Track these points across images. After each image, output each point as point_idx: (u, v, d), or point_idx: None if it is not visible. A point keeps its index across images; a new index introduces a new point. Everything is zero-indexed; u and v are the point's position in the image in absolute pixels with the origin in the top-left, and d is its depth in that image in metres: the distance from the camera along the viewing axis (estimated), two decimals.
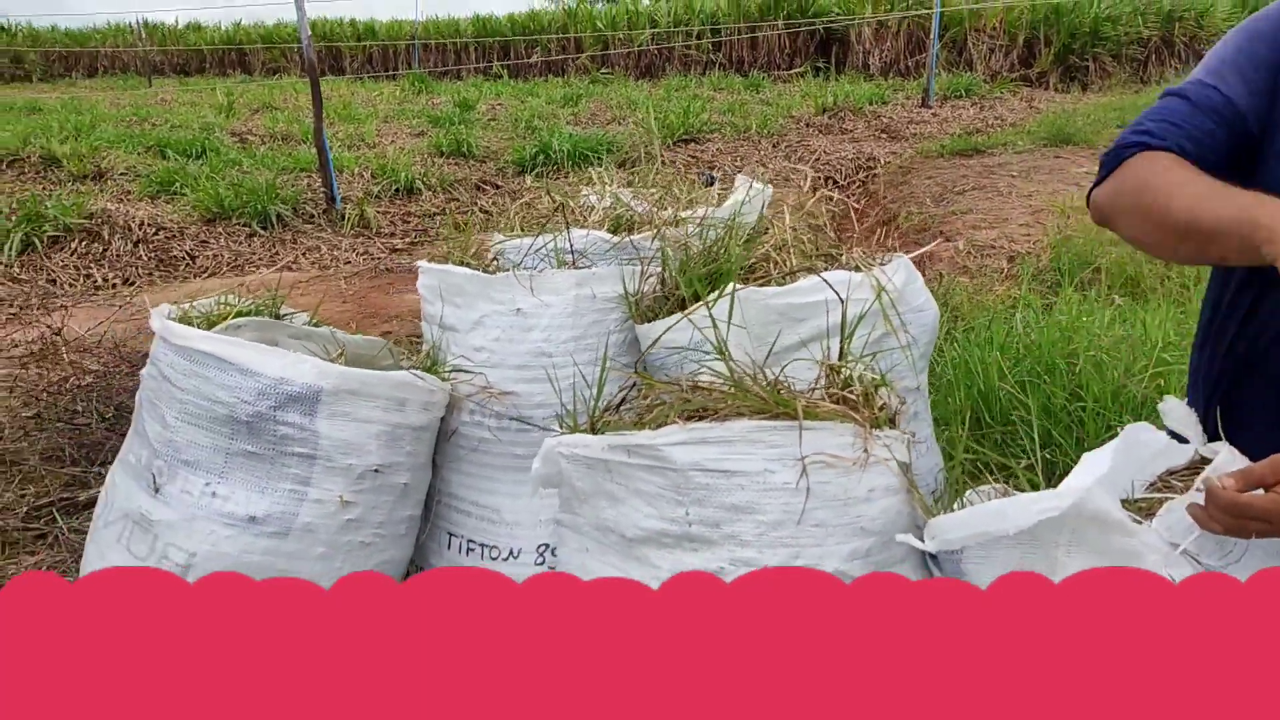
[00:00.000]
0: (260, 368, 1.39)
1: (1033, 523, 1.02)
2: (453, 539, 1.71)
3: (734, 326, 1.48)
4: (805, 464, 1.09)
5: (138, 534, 1.44)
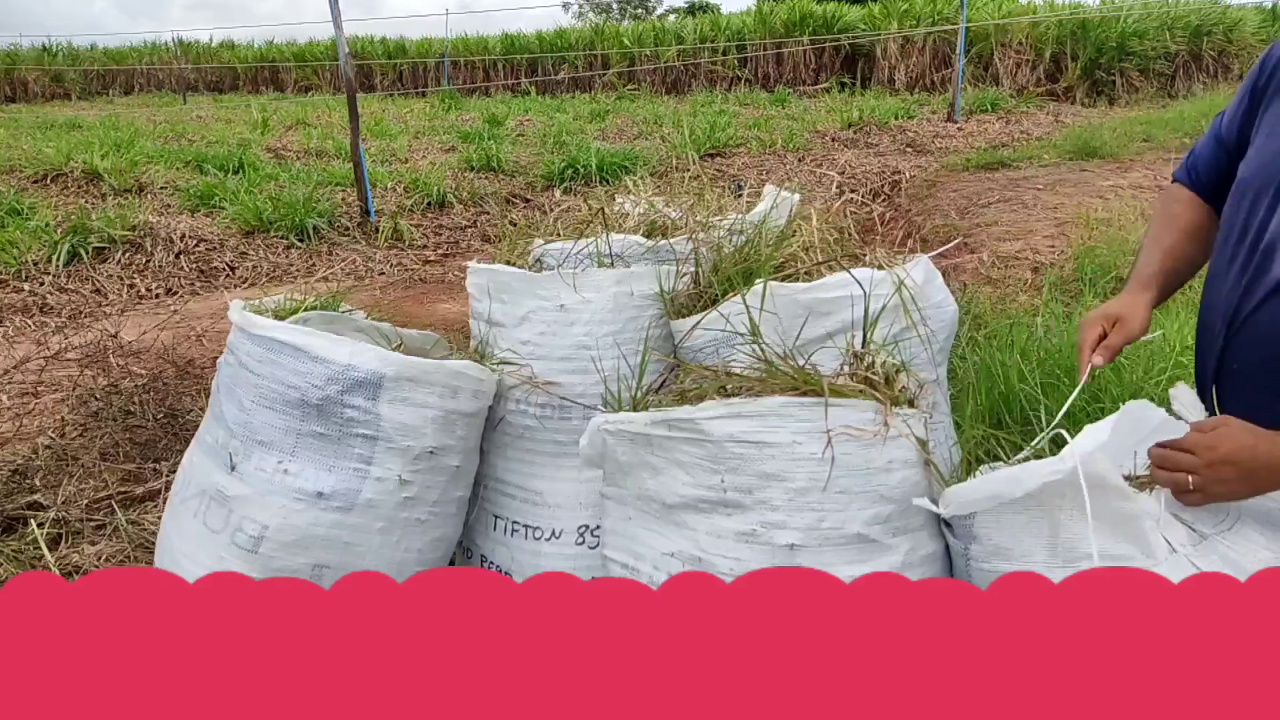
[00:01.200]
0: (330, 355, 1.51)
1: (1039, 485, 1.12)
2: (498, 520, 1.82)
3: (765, 317, 1.59)
4: (831, 436, 1.20)
5: (214, 508, 1.56)
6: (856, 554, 1.22)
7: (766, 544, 1.21)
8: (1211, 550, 1.24)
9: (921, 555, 1.26)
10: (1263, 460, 1.20)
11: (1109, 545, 1.17)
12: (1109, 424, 1.18)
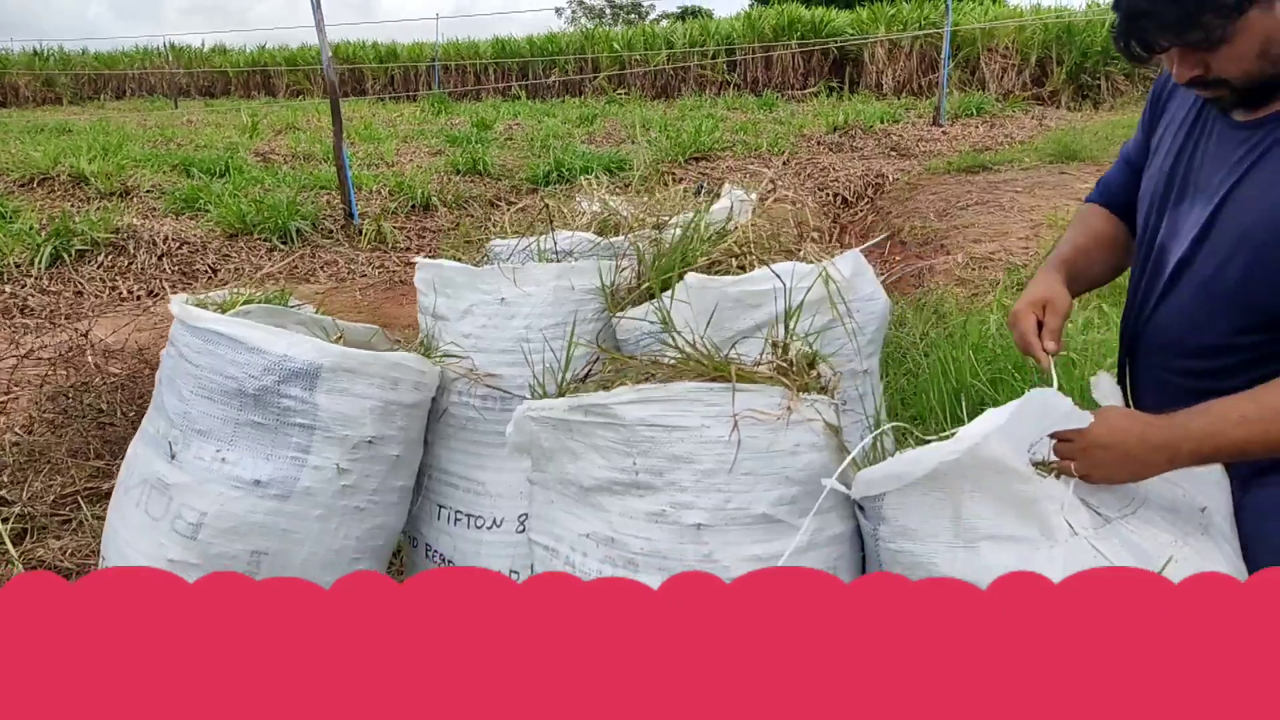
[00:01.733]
0: (267, 346, 1.55)
1: (934, 466, 1.16)
2: (442, 510, 1.86)
3: (694, 313, 1.63)
4: (737, 420, 1.24)
5: (155, 496, 1.60)
6: (762, 533, 1.26)
7: (675, 524, 1.25)
8: (1113, 534, 1.28)
9: (828, 536, 1.30)
10: (1135, 444, 1.26)
11: (1009, 526, 1.21)
12: (1008, 410, 1.23)
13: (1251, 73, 1.26)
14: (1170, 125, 1.52)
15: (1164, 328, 1.48)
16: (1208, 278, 1.38)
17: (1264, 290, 1.32)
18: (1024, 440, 1.25)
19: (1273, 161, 1.30)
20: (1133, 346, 1.58)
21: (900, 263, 6.58)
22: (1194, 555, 1.24)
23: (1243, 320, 1.36)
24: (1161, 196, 1.50)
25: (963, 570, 1.19)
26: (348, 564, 1.67)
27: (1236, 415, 1.25)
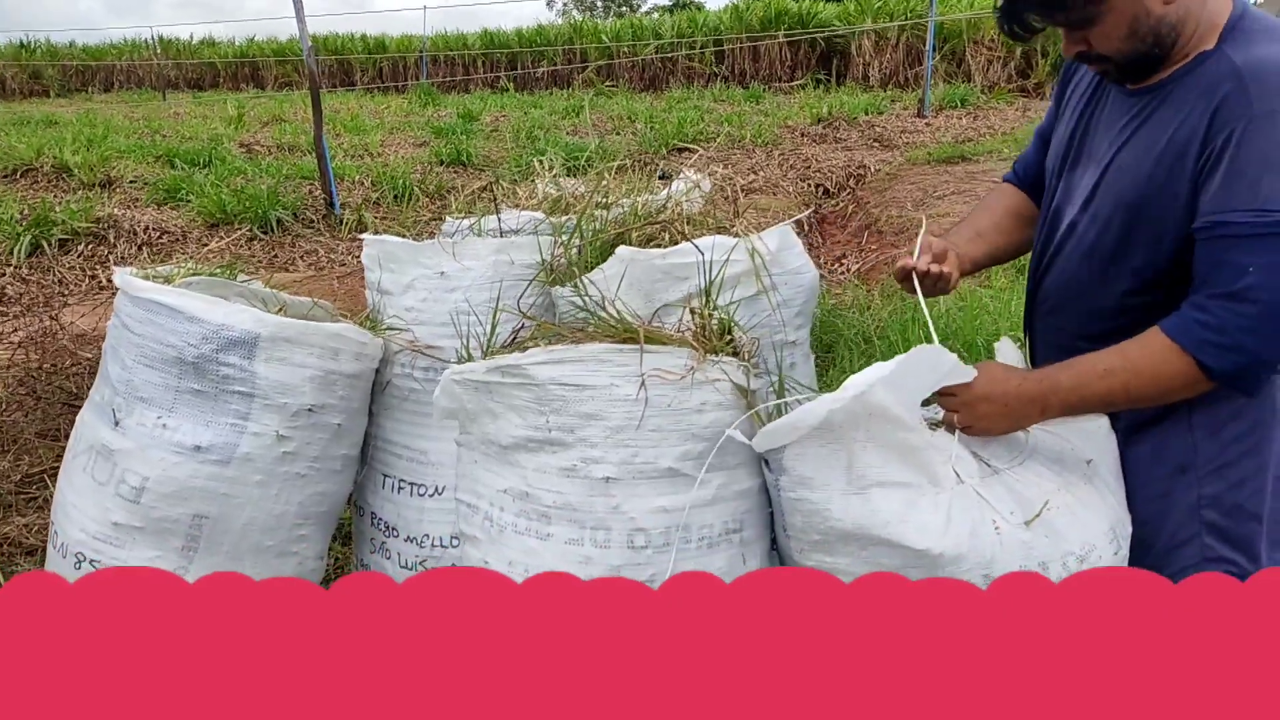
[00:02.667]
0: (205, 315, 1.60)
1: (825, 414, 1.22)
2: (386, 479, 1.91)
3: (629, 283, 1.69)
4: (644, 379, 1.29)
5: (100, 462, 1.65)
6: (668, 486, 1.31)
7: (585, 478, 1.31)
8: (998, 483, 1.35)
9: (735, 490, 1.36)
10: (1013, 395, 1.34)
11: (898, 473, 1.27)
12: (894, 362, 1.29)
13: (1125, 50, 1.33)
14: (1073, 95, 1.58)
15: (1056, 291, 1.55)
16: (1092, 242, 1.45)
17: (1140, 251, 1.38)
18: (913, 393, 1.31)
19: (1149, 129, 1.37)
20: (1032, 311, 1.64)
21: (876, 251, 6.65)
22: (1074, 501, 1.31)
23: (1126, 282, 1.42)
24: (1061, 162, 1.56)
25: (855, 515, 1.25)
26: (289, 529, 1.72)
27: (1102, 368, 1.33)
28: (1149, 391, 1.33)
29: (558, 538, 1.31)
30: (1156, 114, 1.37)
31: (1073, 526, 1.28)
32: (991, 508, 1.27)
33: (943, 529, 1.23)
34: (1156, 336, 1.31)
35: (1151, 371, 1.31)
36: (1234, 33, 1.33)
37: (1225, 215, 1.26)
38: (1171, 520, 1.41)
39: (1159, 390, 1.32)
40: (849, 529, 1.25)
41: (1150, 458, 1.44)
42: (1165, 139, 1.34)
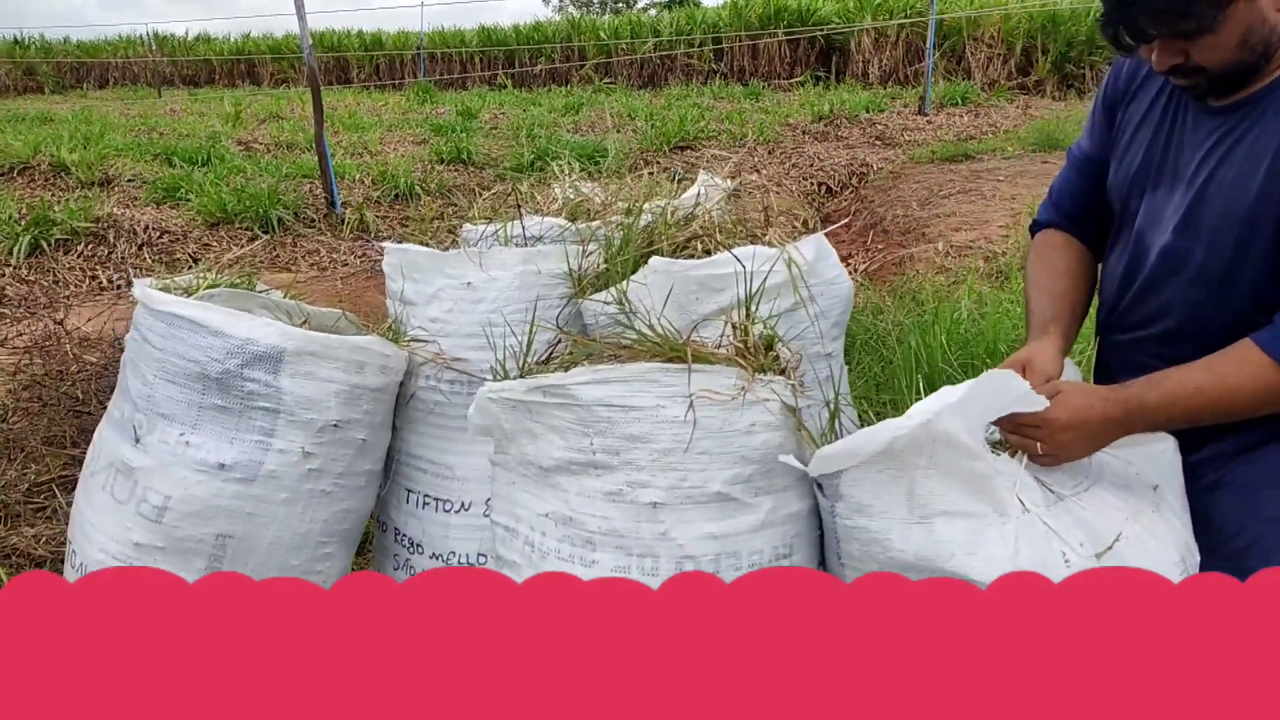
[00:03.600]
0: (229, 329, 1.55)
1: (888, 440, 1.17)
2: (410, 494, 1.87)
3: (658, 296, 1.64)
4: (692, 400, 1.25)
5: (120, 480, 1.60)
6: (717, 511, 1.27)
7: (631, 503, 1.27)
8: (1065, 511, 1.30)
9: (784, 514, 1.32)
10: (1098, 419, 1.29)
11: (963, 502, 1.22)
12: (963, 388, 1.24)
13: (1230, 61, 1.28)
14: (1136, 116, 1.52)
15: (1152, 316, 1.49)
16: (1198, 265, 1.40)
17: (1253, 267, 1.34)
18: (979, 419, 1.27)
19: (1249, 142, 1.32)
20: (1109, 329, 1.59)
21: (882, 251, 6.61)
22: (1144, 532, 1.26)
23: (1243, 301, 1.37)
24: (1138, 184, 1.50)
25: (917, 546, 1.21)
26: (314, 547, 1.67)
27: (1192, 386, 1.29)
28: (1241, 407, 1.30)
29: (603, 565, 1.27)
30: (1256, 126, 1.32)
31: (1142, 558, 1.23)
32: (1060, 539, 1.22)
33: (1010, 561, 1.18)
34: (1250, 350, 1.27)
35: (1247, 387, 1.27)
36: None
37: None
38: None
39: (1252, 406, 1.29)
40: (910, 560, 1.21)
41: (1264, 478, 1.39)
42: (1272, 150, 1.29)
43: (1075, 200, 1.68)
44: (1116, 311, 1.59)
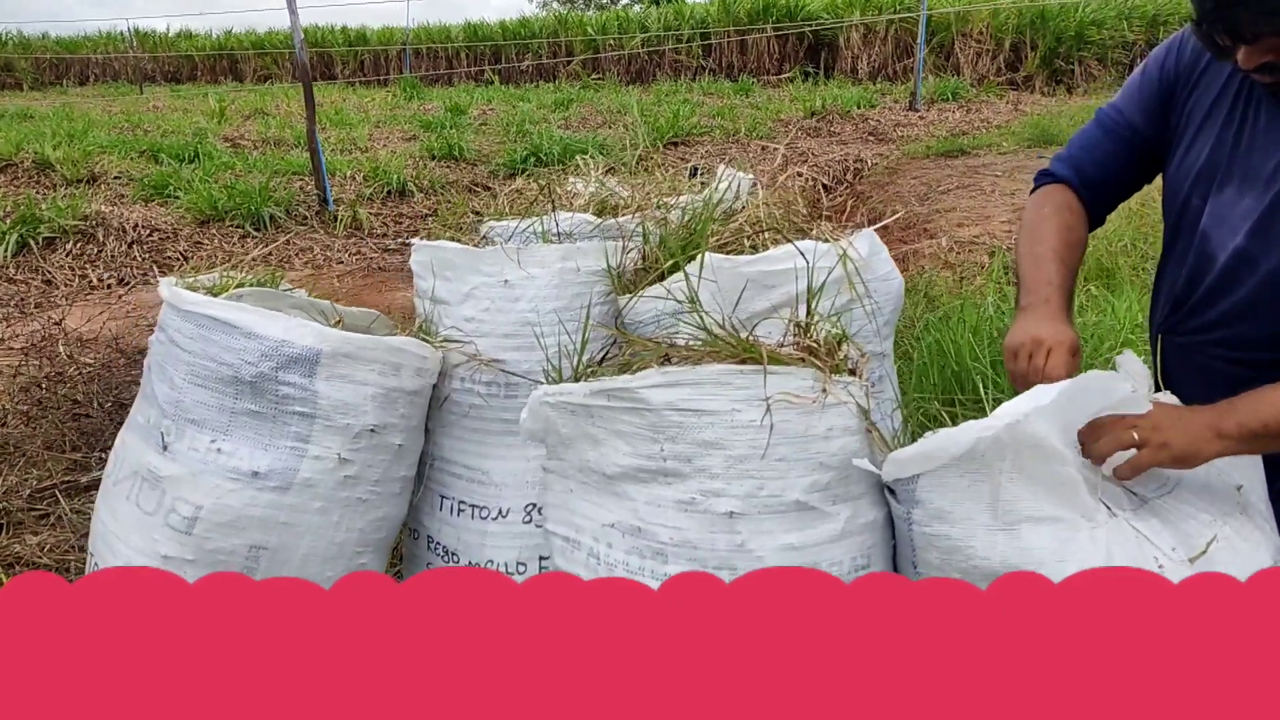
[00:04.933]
0: (263, 331, 1.48)
1: (971, 442, 1.11)
2: (444, 500, 1.79)
3: (710, 291, 1.57)
4: (769, 404, 1.18)
5: (146, 490, 1.52)
6: (795, 521, 1.20)
7: (705, 512, 1.20)
8: (1152, 514, 1.25)
9: (862, 523, 1.25)
10: (1194, 430, 1.22)
11: (1047, 508, 1.17)
12: (1055, 389, 1.18)
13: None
14: (1203, 106, 1.45)
15: (1221, 319, 1.43)
16: (1273, 269, 1.34)
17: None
18: (1070, 422, 1.21)
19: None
20: (1170, 330, 1.54)
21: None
22: (1234, 535, 1.21)
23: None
24: (1202, 181, 1.43)
25: (1003, 553, 1.15)
26: (350, 557, 1.60)
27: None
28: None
29: None
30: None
31: (1234, 562, 1.18)
32: (1151, 544, 1.17)
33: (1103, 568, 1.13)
34: None
35: None
36: None
37: None
38: None
39: None
40: (995, 568, 1.15)
41: None
42: None
43: (1100, 165, 1.59)
44: (1180, 314, 1.53)
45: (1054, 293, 1.46)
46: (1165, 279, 1.57)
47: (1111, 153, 1.59)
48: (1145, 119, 1.55)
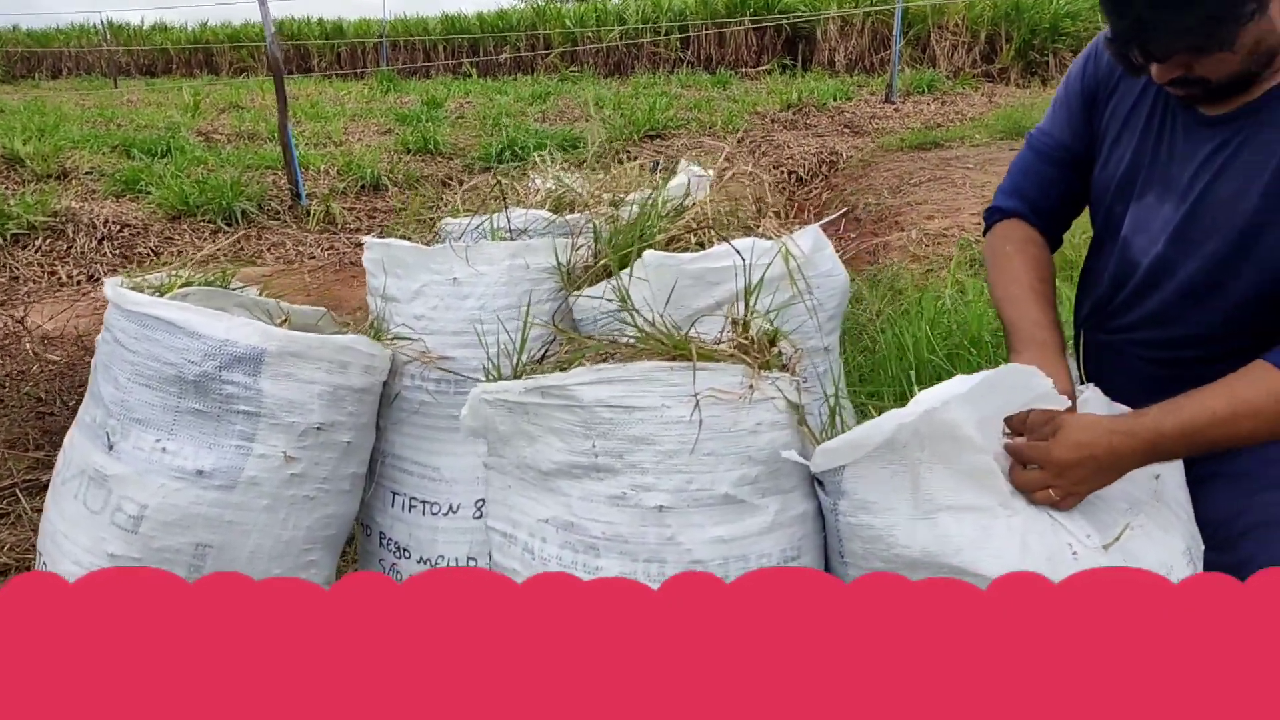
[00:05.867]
0: (206, 330, 1.48)
1: (893, 430, 1.14)
2: (396, 497, 1.81)
3: (653, 291, 1.59)
4: (698, 399, 1.21)
5: (93, 489, 1.53)
6: (724, 514, 1.23)
7: (636, 506, 1.22)
8: None
9: (792, 515, 1.28)
10: (1104, 455, 1.24)
11: (965, 497, 1.20)
12: (975, 379, 1.21)
13: (1235, 72, 1.24)
14: (1121, 114, 1.47)
15: (1141, 323, 1.48)
16: (1192, 275, 1.37)
17: (1247, 279, 1.32)
18: (987, 415, 1.23)
19: (1247, 155, 1.30)
20: (1095, 328, 1.58)
21: (855, 239, 6.60)
22: (1149, 522, 1.25)
23: (1230, 312, 1.37)
24: (1124, 189, 1.46)
25: (923, 542, 1.18)
26: (298, 555, 1.61)
27: (1208, 415, 1.24)
28: (1265, 431, 1.25)
29: (608, 571, 1.22)
30: (1254, 139, 1.29)
31: (1149, 548, 1.22)
32: (1067, 531, 1.20)
33: (1019, 556, 1.16)
34: (1269, 373, 1.25)
35: (1267, 411, 1.23)
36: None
37: None
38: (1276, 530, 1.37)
39: (1273, 428, 1.25)
40: (916, 556, 1.18)
41: (1257, 467, 1.39)
42: (1272, 165, 1.27)
43: (1043, 191, 1.60)
44: (1103, 313, 1.57)
45: (1042, 331, 1.44)
46: (1090, 279, 1.61)
47: (1050, 177, 1.60)
48: (1073, 135, 1.57)
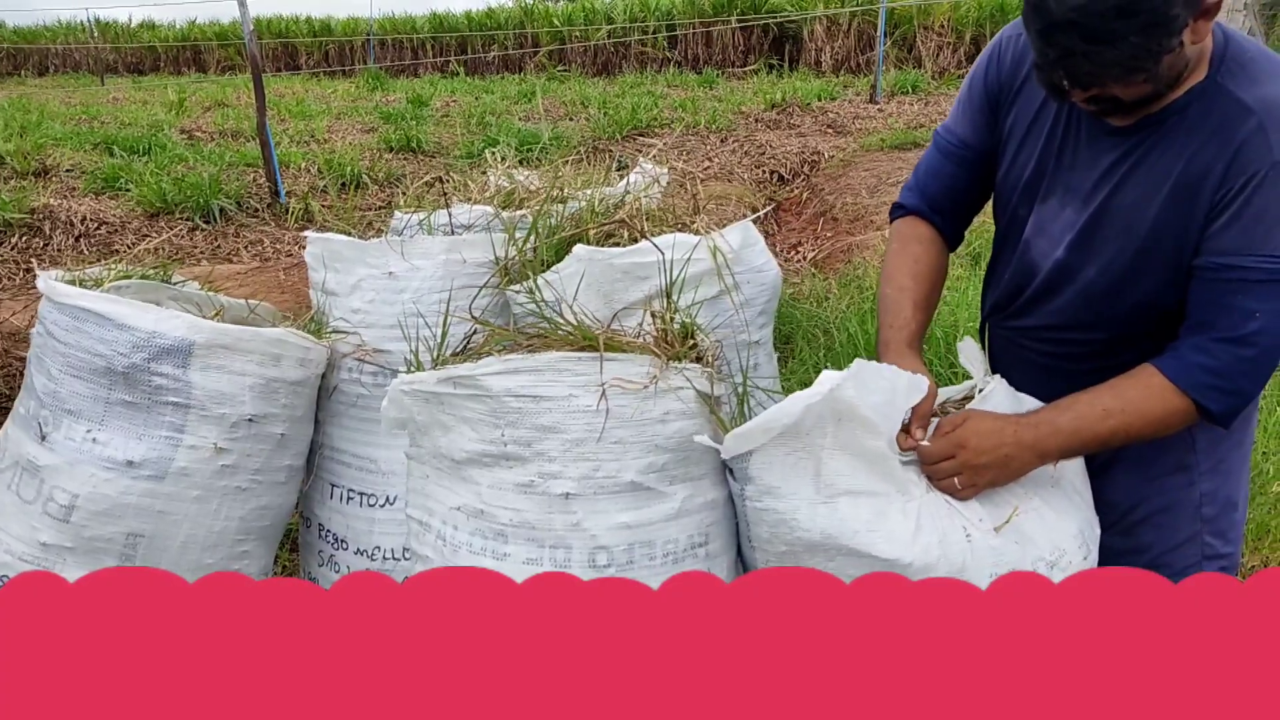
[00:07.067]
0: (135, 322, 1.50)
1: (800, 411, 1.17)
2: (334, 489, 1.83)
3: (588, 283, 1.62)
4: (605, 389, 1.23)
5: (26, 479, 1.55)
6: (630, 501, 1.26)
7: (543, 494, 1.25)
8: None
9: (700, 502, 1.31)
10: (1010, 445, 1.28)
11: (865, 482, 1.23)
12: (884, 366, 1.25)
13: (1147, 93, 1.27)
14: (1025, 118, 1.48)
15: (1041, 324, 1.51)
16: (1090, 280, 1.41)
17: (1143, 286, 1.37)
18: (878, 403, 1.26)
19: (1149, 165, 1.33)
20: (997, 324, 1.62)
21: (831, 239, 6.63)
22: (1042, 505, 1.30)
23: (1126, 316, 1.41)
24: (1028, 191, 1.48)
25: (823, 525, 1.21)
26: (231, 545, 1.64)
27: (1100, 410, 1.29)
28: (1147, 431, 1.31)
29: (515, 557, 1.25)
30: (1155, 150, 1.32)
31: (1041, 531, 1.25)
32: (961, 515, 1.24)
33: (912, 538, 1.19)
34: (1155, 377, 1.29)
35: (1152, 413, 1.28)
36: (1225, 63, 1.28)
37: (1237, 259, 1.25)
38: (1173, 518, 1.43)
39: (1157, 430, 1.31)
40: (816, 539, 1.21)
41: (1152, 457, 1.44)
42: (1173, 175, 1.30)
43: (946, 190, 1.62)
44: (1004, 312, 1.61)
45: (895, 334, 1.52)
46: (993, 277, 1.64)
47: (952, 174, 1.61)
48: (975, 134, 1.58)
